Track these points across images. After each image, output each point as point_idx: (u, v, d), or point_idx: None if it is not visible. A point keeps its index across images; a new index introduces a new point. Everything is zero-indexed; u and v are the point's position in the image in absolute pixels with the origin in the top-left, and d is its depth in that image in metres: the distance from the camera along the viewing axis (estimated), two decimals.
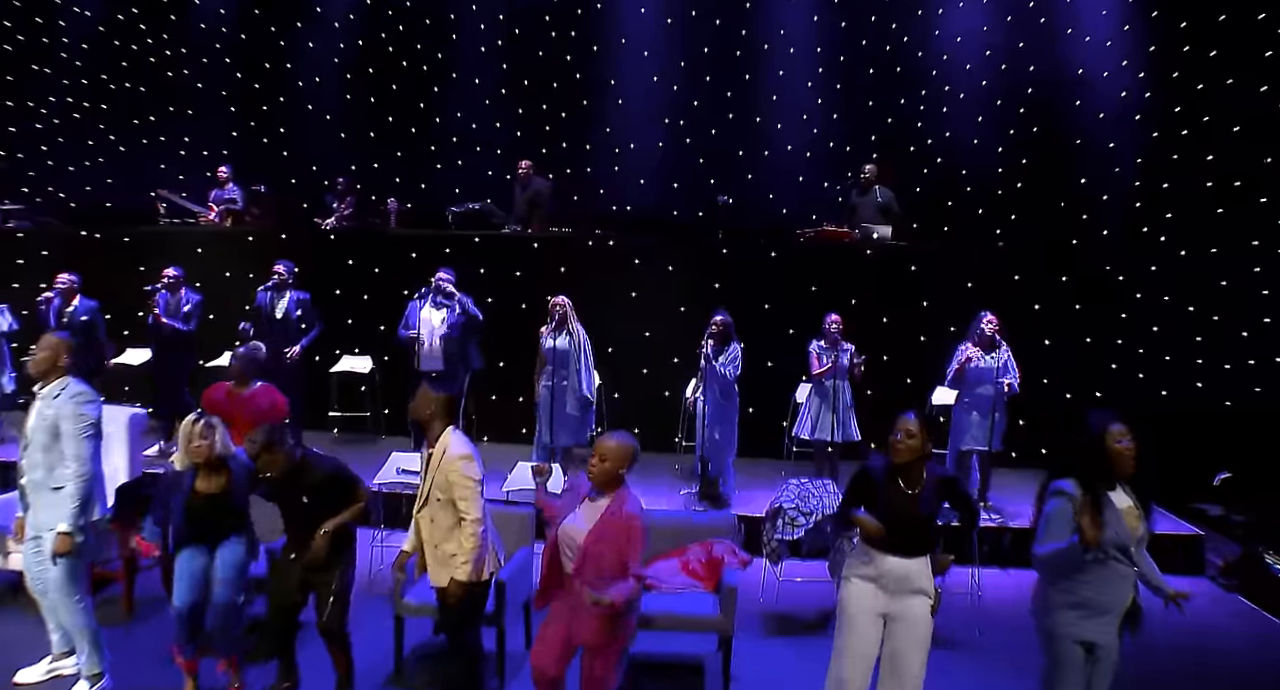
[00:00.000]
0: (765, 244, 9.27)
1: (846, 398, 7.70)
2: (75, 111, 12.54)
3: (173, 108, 12.37)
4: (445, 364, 7.88)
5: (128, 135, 12.45)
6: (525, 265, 9.43)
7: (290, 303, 8.10)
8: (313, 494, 4.56)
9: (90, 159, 12.53)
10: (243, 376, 6.35)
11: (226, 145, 12.28)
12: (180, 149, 12.36)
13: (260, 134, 12.32)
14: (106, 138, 12.49)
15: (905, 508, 3.99)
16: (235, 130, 12.35)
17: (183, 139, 12.38)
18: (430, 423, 4.50)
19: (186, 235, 10.12)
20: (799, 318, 8.62)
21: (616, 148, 11.74)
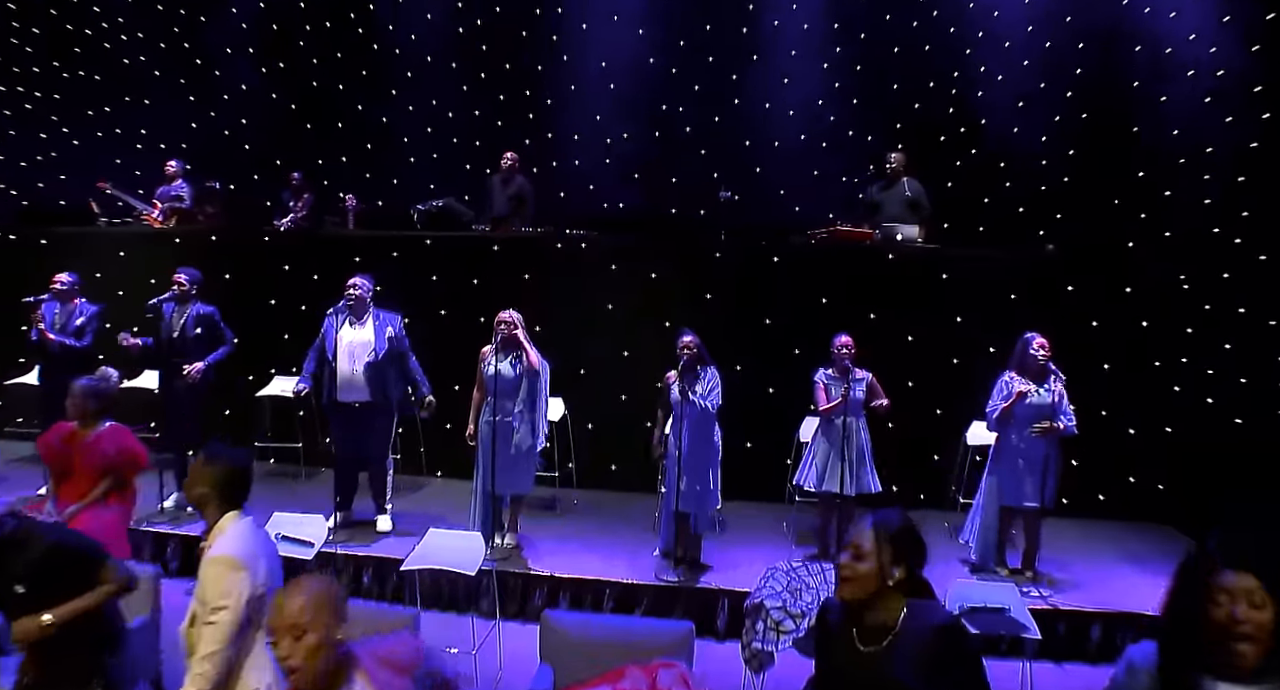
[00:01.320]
0: (767, 246, 7.60)
1: (862, 440, 6.03)
2: (27, 102, 11.18)
3: (129, 97, 10.96)
4: (371, 395, 6.31)
5: (82, 127, 11.06)
6: (487, 271, 7.85)
7: (189, 319, 6.59)
8: (30, 578, 3.08)
9: (43, 153, 11.15)
10: (85, 415, 4.86)
11: (185, 137, 10.84)
12: (137, 142, 10.95)
13: (220, 126, 10.87)
14: (59, 130, 11.11)
15: (859, 674, 2.38)
16: (194, 121, 10.90)
17: (139, 131, 10.97)
18: (204, 506, 2.99)
19: (108, 237, 8.68)
20: (806, 335, 7.00)
21: (607, 138, 10.11)
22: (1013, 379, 5.82)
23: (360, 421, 6.34)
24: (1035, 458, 5.72)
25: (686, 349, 5.81)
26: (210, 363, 6.53)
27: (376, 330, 6.31)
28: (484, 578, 5.87)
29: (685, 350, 5.81)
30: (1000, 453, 5.89)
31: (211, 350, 6.62)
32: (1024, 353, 5.81)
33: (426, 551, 4.96)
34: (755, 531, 6.78)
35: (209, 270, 8.16)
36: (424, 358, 6.58)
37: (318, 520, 5.16)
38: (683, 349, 5.82)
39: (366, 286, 6.37)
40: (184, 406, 6.59)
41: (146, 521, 6.42)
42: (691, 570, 5.89)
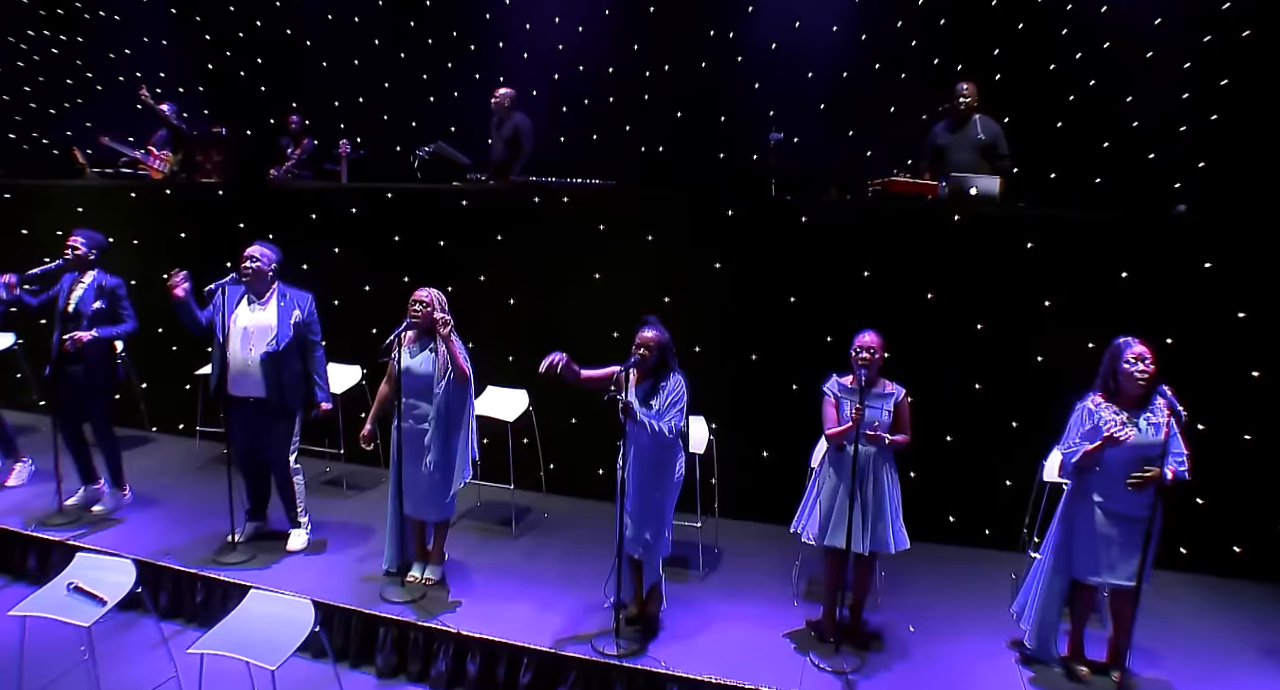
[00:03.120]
0: (793, 203, 5.74)
1: (884, 479, 4.21)
2: (53, 46, 10.34)
3: (147, 38, 9.93)
4: (266, 391, 4.94)
5: (106, 72, 10.14)
6: (455, 231, 6.32)
7: (89, 289, 5.36)
8: None
9: (70, 100, 10.32)
10: None
11: (201, 80, 9.77)
12: (156, 86, 9.91)
13: (236, 66, 9.69)
14: (84, 75, 10.24)
15: None
16: (210, 62, 9.77)
17: (158, 75, 9.93)
18: None
19: (67, 191, 7.59)
20: (843, 319, 5.22)
21: (645, 71, 8.32)
22: (1099, 406, 3.88)
23: (256, 421, 5.01)
24: (1127, 515, 3.80)
25: (644, 348, 4.15)
26: (103, 336, 5.29)
27: (280, 313, 4.92)
28: (381, 627, 4.48)
29: (641, 350, 4.14)
30: (1076, 505, 3.98)
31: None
32: (1114, 367, 3.85)
33: (229, 629, 3.55)
34: (753, 572, 5.10)
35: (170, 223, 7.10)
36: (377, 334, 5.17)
37: (125, 566, 3.85)
38: (638, 347, 4.16)
39: (269, 258, 4.97)
40: (79, 387, 5.41)
41: (36, 525, 5.35)
42: (643, 635, 4.30)
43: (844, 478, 4.15)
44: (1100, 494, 3.87)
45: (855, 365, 4.14)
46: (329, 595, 4.63)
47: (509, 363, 6.18)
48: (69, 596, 3.67)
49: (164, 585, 4.94)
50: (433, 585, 4.80)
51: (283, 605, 3.59)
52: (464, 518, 5.77)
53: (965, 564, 5.28)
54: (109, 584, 3.72)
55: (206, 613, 4.81)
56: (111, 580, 3.74)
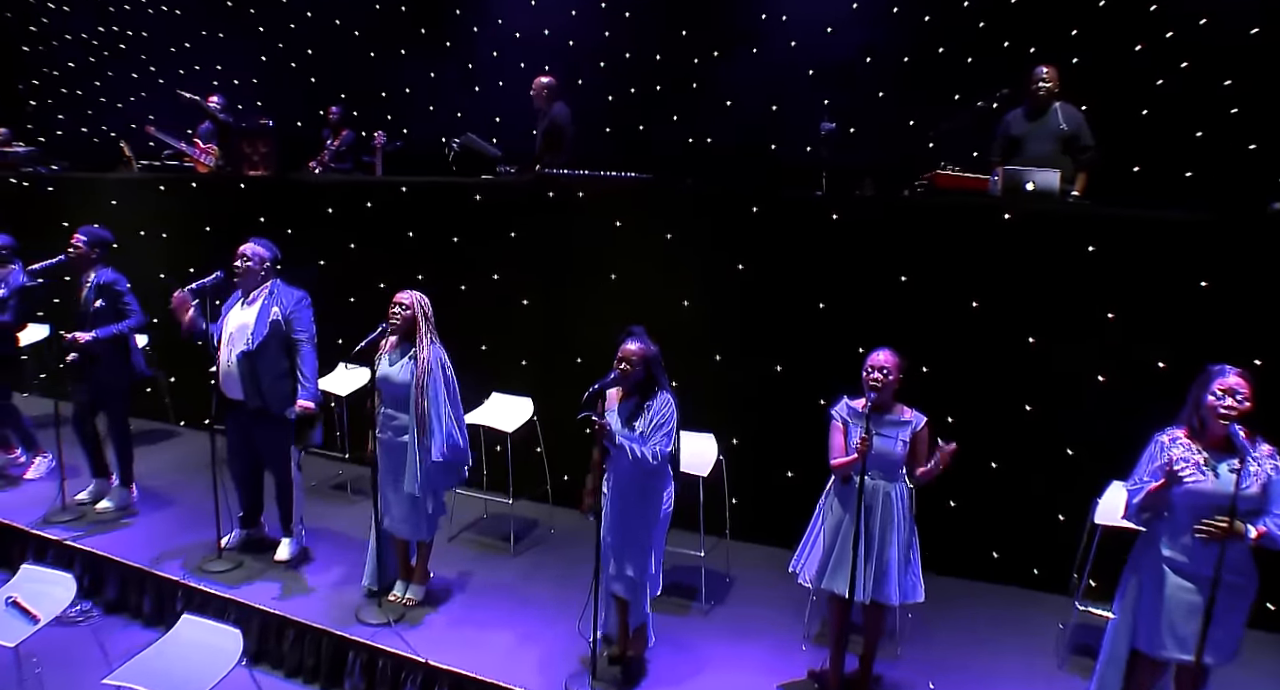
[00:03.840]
0: (823, 199, 5.18)
1: (896, 520, 3.66)
2: (120, 42, 10.52)
3: (204, 32, 9.97)
4: (248, 397, 4.70)
5: (167, 66, 10.24)
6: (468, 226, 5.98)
7: (90, 288, 5.25)
8: None
9: (135, 94, 10.48)
10: None
11: (254, 72, 9.75)
12: (214, 78, 9.96)
13: (288, 58, 9.63)
14: (147, 69, 10.37)
15: None
16: (263, 54, 9.74)
17: (215, 67, 9.97)
18: None
19: (104, 183, 7.58)
20: (877, 328, 4.70)
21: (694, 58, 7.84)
22: (1175, 442, 3.24)
23: (249, 425, 4.79)
24: (1202, 578, 3.16)
25: (626, 362, 3.71)
26: (102, 336, 5.16)
27: (260, 311, 4.66)
28: (351, 651, 4.19)
29: (623, 365, 3.71)
30: (1143, 557, 3.35)
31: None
32: (1198, 399, 3.21)
33: (153, 657, 3.28)
34: (763, 606, 4.61)
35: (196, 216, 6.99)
36: None
37: (66, 581, 3.64)
38: (620, 362, 3.72)
39: (261, 256, 4.71)
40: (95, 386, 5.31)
41: (43, 523, 5.28)
42: (623, 678, 3.87)
43: (849, 514, 3.63)
44: (1170, 547, 3.22)
45: (865, 387, 3.60)
46: (304, 612, 4.38)
47: (521, 367, 5.84)
48: (5, 611, 3.48)
49: (147, 592, 4.78)
50: (414, 606, 4.48)
51: (211, 634, 3.32)
52: (466, 531, 5.46)
53: (1007, 607, 4.66)
54: (49, 599, 3.52)
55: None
56: (52, 595, 3.54)
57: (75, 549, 5.02)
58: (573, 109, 7.14)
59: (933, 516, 4.87)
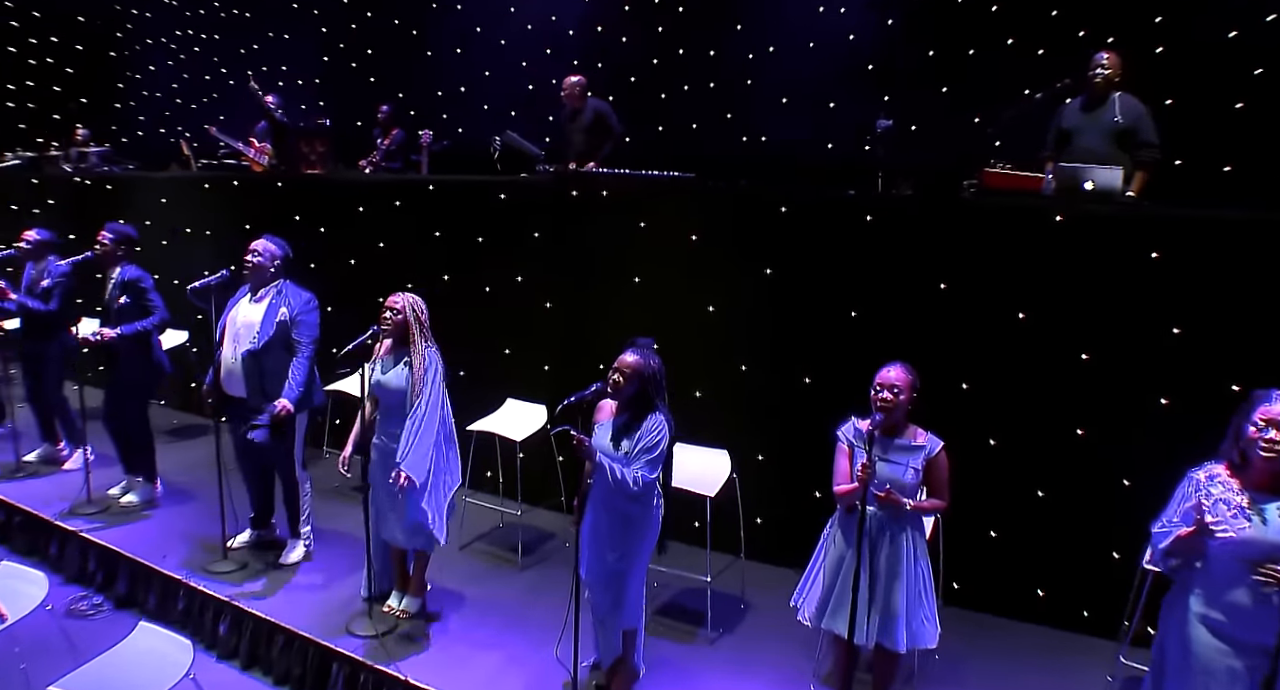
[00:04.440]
0: (855, 200, 4.81)
1: (908, 557, 3.30)
2: (195, 44, 10.84)
3: (271, 33, 10.18)
4: (251, 396, 4.63)
5: (237, 67, 10.50)
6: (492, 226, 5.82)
7: (115, 285, 5.29)
8: None
9: (207, 95, 10.79)
10: None
11: (317, 71, 9.90)
12: (279, 79, 10.16)
13: (349, 58, 9.72)
14: (219, 71, 10.66)
15: None
16: (326, 54, 9.87)
17: (280, 67, 10.16)
18: None
19: (155, 182, 7.74)
20: (910, 337, 4.35)
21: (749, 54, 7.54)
22: (1213, 480, 2.81)
23: (246, 421, 4.73)
24: (1244, 642, 2.70)
25: (619, 373, 3.45)
26: (127, 333, 5.19)
27: (268, 310, 4.59)
28: (335, 662, 4.05)
29: (615, 376, 3.45)
30: (1173, 611, 2.91)
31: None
32: (1242, 430, 2.76)
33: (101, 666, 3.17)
34: (775, 636, 4.26)
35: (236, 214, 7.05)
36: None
37: (38, 579, 3.60)
38: (613, 372, 3.46)
39: (271, 252, 4.65)
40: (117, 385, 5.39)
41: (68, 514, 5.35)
42: None
43: (851, 548, 3.28)
44: (1205, 604, 2.78)
45: (873, 407, 3.26)
46: (296, 619, 4.27)
47: (543, 372, 5.64)
48: None
49: (154, 589, 4.77)
50: (407, 619, 4.33)
51: (164, 643, 3.21)
52: (479, 540, 5.29)
53: (1050, 653, 4.20)
54: (22, 597, 3.49)
55: (186, 621, 4.59)
56: (25, 593, 3.51)
57: (91, 542, 5.06)
58: (627, 108, 6.97)
59: (971, 547, 4.47)
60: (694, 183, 5.61)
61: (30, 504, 5.47)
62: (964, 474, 4.46)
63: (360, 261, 6.31)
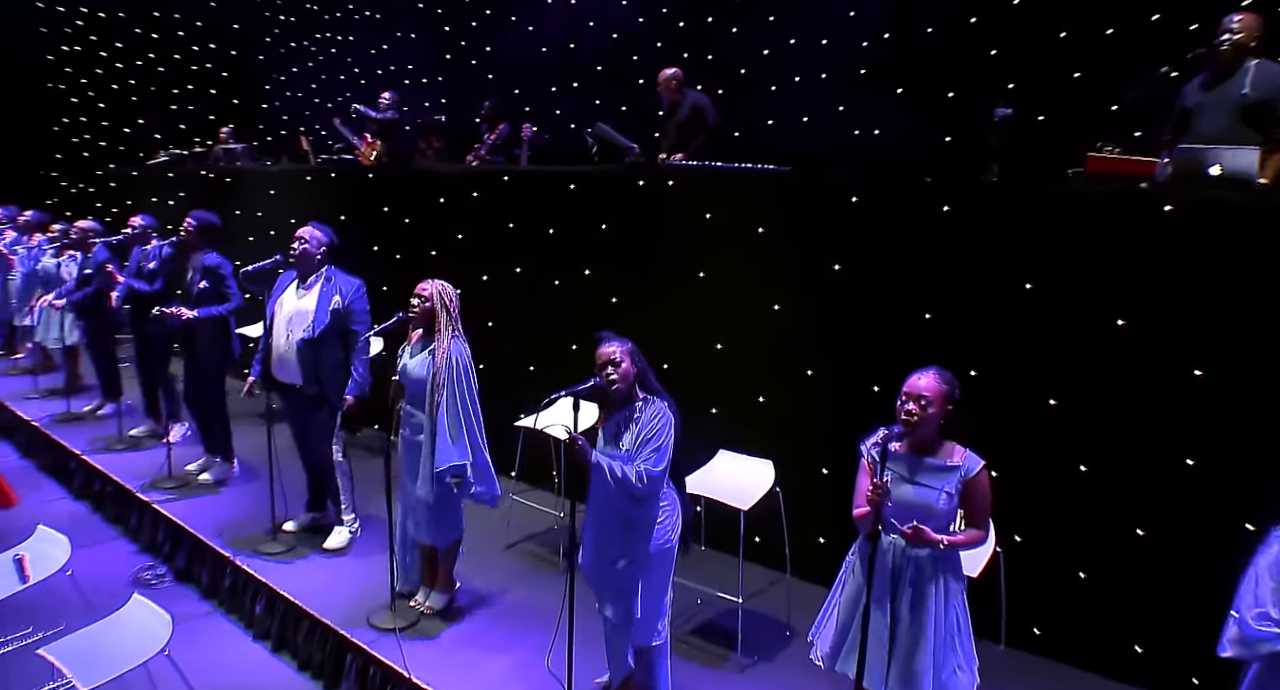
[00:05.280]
0: (932, 187, 4.32)
1: (938, 598, 2.85)
2: (331, 47, 11.41)
3: (399, 33, 10.56)
4: (306, 383, 4.67)
5: (367, 66, 10.97)
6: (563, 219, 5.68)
7: (195, 270, 5.52)
8: None
9: (341, 94, 11.32)
10: None
11: (440, 69, 10.17)
12: (404, 77, 10.52)
13: (469, 55, 9.93)
14: (351, 71, 11.17)
15: None
16: (448, 53, 10.12)
17: (407, 67, 10.52)
18: None
19: (264, 175, 8.12)
20: (989, 344, 3.92)
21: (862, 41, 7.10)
22: None
23: (299, 408, 4.81)
24: None
25: (610, 365, 3.20)
26: (203, 316, 5.38)
27: (320, 299, 4.62)
28: (348, 654, 4.00)
29: (608, 372, 3.19)
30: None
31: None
32: None
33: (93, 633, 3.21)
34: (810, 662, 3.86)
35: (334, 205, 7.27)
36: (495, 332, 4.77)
37: (62, 544, 3.72)
38: (603, 367, 3.21)
39: (318, 240, 4.69)
40: (195, 366, 5.64)
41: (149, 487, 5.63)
42: None
43: (874, 583, 2.87)
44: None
45: (901, 414, 2.85)
46: (322, 606, 4.26)
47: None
48: (9, 565, 3.61)
49: (206, 564, 4.91)
50: (431, 616, 4.23)
51: (149, 617, 3.22)
52: (527, 540, 5.14)
53: None
54: (48, 561, 3.62)
55: (232, 598, 4.70)
56: (52, 557, 3.65)
57: (161, 515, 5.29)
58: (741, 100, 6.75)
59: (1056, 588, 3.92)
60: (782, 176, 5.28)
61: (122, 476, 5.80)
62: (1049, 504, 3.94)
63: (440, 252, 6.35)
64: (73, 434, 6.59)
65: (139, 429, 6.65)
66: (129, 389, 6.92)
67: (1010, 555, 4.01)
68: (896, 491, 2.81)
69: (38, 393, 7.61)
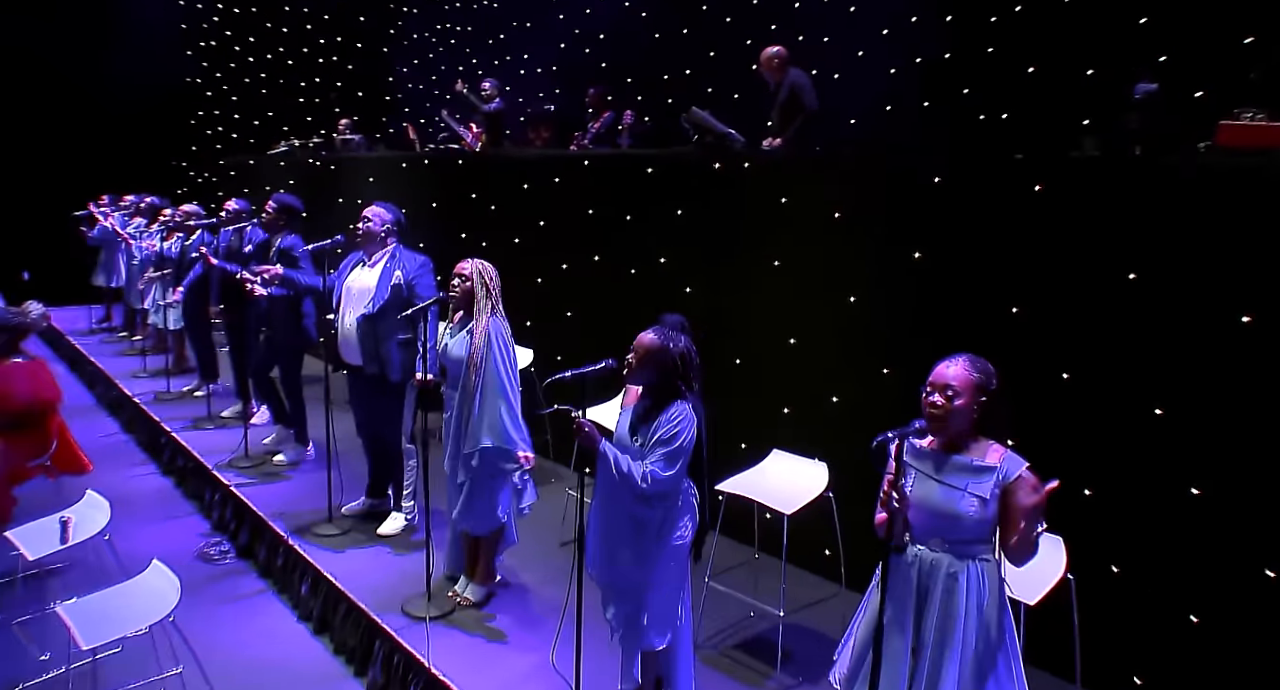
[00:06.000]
0: (1023, 165, 4.02)
1: (965, 619, 2.61)
2: (450, 38, 11.92)
3: (515, 22, 10.91)
4: (366, 362, 4.87)
5: (485, 57, 11.39)
6: (641, 204, 5.68)
7: (273, 253, 5.84)
8: None
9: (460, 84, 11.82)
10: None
11: (554, 58, 10.44)
12: (520, 67, 10.86)
13: (582, 44, 10.13)
14: (470, 62, 11.62)
15: None
16: (562, 42, 10.36)
17: (523, 57, 10.86)
18: None
19: (366, 162, 8.53)
20: (1085, 343, 3.69)
21: None
22: None
23: (365, 391, 5.01)
24: None
25: (634, 356, 3.15)
26: (276, 295, 5.65)
27: (383, 274, 4.80)
28: (378, 640, 4.13)
29: (634, 360, 3.15)
30: None
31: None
32: None
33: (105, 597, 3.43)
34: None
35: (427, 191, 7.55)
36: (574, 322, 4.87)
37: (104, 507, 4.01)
38: (631, 354, 3.17)
39: (383, 218, 4.86)
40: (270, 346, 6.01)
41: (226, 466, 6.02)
42: None
43: (892, 600, 2.70)
44: None
45: (926, 409, 2.66)
46: (361, 590, 4.42)
47: None
48: (54, 527, 3.93)
49: (264, 542, 5.19)
50: (467, 607, 4.31)
51: (162, 582, 3.42)
52: None
53: None
54: (90, 524, 3.93)
55: (284, 578, 4.94)
56: (94, 520, 3.95)
57: (231, 493, 5.64)
58: (866, 85, 6.62)
59: (1164, 633, 3.58)
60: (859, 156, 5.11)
61: (203, 453, 6.23)
62: (1154, 532, 3.59)
63: (523, 240, 6.49)
64: (168, 412, 7.15)
65: (229, 410, 7.13)
66: (226, 371, 7.44)
67: (1106, 588, 3.69)
68: (921, 491, 2.63)
69: (145, 372, 8.30)
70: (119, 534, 5.11)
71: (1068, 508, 3.73)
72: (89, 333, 10.29)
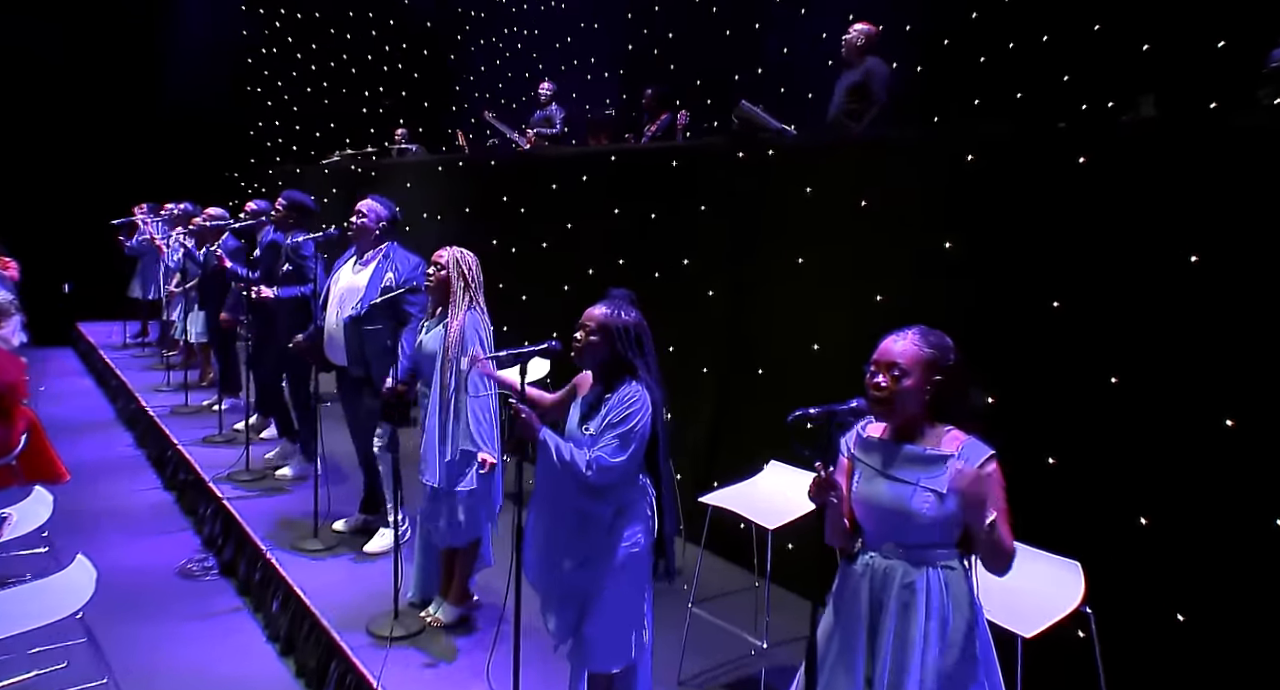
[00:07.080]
0: (1065, 134, 3.79)
1: (922, 632, 2.41)
2: (517, 42, 12.27)
3: (582, 24, 11.15)
4: (351, 364, 4.94)
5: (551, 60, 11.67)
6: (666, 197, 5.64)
7: (283, 254, 6.04)
8: None
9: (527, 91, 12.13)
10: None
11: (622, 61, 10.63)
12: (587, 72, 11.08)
13: (651, 44, 10.28)
14: (536, 67, 11.92)
15: None
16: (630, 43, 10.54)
17: (589, 60, 11.08)
18: None
19: (401, 166, 8.79)
20: (1136, 340, 3.48)
21: None
22: None
23: (348, 393, 5.09)
24: None
25: (584, 332, 3.09)
26: (283, 296, 5.85)
27: (374, 275, 4.87)
28: (334, 661, 4.13)
29: (582, 336, 3.09)
30: None
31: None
32: None
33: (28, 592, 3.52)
34: None
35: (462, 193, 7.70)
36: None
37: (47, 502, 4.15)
38: (578, 328, 3.11)
39: (377, 213, 4.96)
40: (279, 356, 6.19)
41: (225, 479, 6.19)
42: None
43: (842, 613, 2.52)
44: None
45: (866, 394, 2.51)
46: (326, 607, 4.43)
47: (702, 375, 5.30)
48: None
49: (245, 557, 5.29)
50: (437, 629, 4.27)
51: (83, 577, 3.50)
52: None
53: None
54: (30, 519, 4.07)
55: (260, 594, 5.02)
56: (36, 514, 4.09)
57: (222, 507, 5.78)
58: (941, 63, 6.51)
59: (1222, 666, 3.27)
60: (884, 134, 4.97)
61: (206, 468, 6.41)
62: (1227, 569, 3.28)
63: (550, 244, 6.54)
64: (182, 426, 7.41)
65: (242, 424, 7.34)
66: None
67: (1168, 638, 3.38)
68: (866, 489, 2.47)
69: (168, 386, 8.66)
70: (104, 548, 5.33)
71: (1105, 533, 3.47)
72: (122, 347, 10.81)
